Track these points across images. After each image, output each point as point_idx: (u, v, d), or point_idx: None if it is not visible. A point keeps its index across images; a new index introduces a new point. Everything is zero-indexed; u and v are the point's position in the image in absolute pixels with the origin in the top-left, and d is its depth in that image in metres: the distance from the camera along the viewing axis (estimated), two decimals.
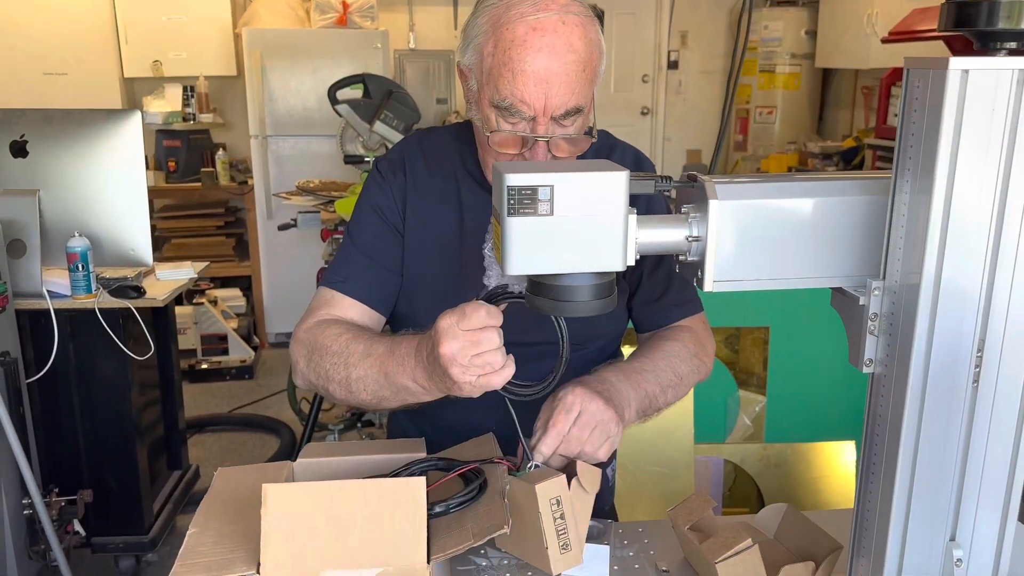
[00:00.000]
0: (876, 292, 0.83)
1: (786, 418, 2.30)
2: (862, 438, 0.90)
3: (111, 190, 2.48)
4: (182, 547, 0.90)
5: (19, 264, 2.36)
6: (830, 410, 2.32)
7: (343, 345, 1.11)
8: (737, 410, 2.35)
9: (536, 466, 1.00)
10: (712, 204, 0.82)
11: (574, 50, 1.06)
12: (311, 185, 3.59)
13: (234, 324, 4.52)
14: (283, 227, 3.50)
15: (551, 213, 0.80)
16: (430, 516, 0.92)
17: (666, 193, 0.87)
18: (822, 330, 2.28)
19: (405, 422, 1.38)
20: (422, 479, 0.88)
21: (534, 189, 0.79)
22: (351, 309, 1.22)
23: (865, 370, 0.85)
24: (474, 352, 0.93)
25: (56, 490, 2.34)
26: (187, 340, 4.29)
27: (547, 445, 1.01)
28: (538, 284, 0.86)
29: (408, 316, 1.27)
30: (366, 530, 0.86)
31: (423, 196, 1.25)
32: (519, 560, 1.06)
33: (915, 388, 0.80)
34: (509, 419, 1.28)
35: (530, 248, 0.81)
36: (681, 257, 0.87)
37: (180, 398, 3.00)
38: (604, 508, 1.41)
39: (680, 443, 2.21)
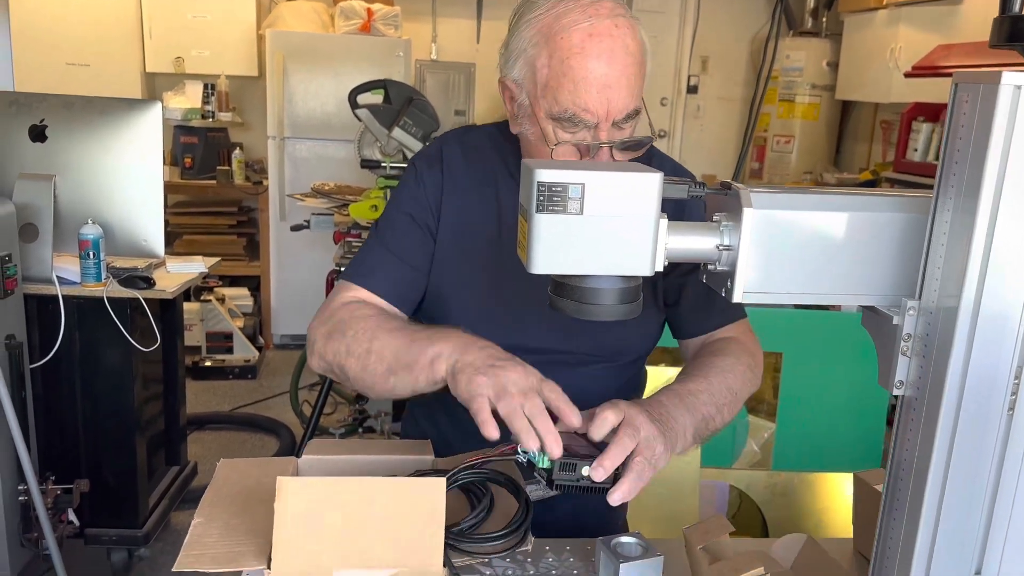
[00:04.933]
0: (911, 312, 0.80)
1: (795, 446, 2.26)
2: (887, 463, 0.87)
3: (127, 180, 2.47)
4: (187, 537, 0.88)
5: (30, 248, 2.35)
6: (840, 441, 2.29)
7: (373, 323, 1.10)
8: (745, 436, 2.31)
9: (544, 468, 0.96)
10: (746, 213, 0.79)
11: (630, 52, 1.05)
12: (326, 188, 3.58)
13: (240, 323, 4.51)
14: (296, 228, 3.49)
15: (580, 212, 0.78)
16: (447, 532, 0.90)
17: (700, 197, 0.84)
18: (835, 359, 2.26)
19: (421, 418, 1.36)
20: (442, 480, 0.85)
21: (565, 187, 0.77)
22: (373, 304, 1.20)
23: (895, 392, 0.82)
24: (525, 401, 0.92)
25: (52, 478, 2.32)
26: (192, 337, 4.28)
27: (610, 461, 0.94)
28: (562, 285, 0.84)
29: (437, 317, 1.25)
30: (382, 529, 0.83)
31: (461, 193, 1.22)
32: (523, 570, 1.03)
33: (948, 413, 0.77)
34: None
35: (557, 247, 0.79)
36: (710, 267, 0.85)
37: (183, 393, 2.98)
38: (618, 523, 1.38)
39: (686, 466, 2.18)
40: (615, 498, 0.93)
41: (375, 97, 3.31)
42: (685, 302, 1.28)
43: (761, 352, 1.27)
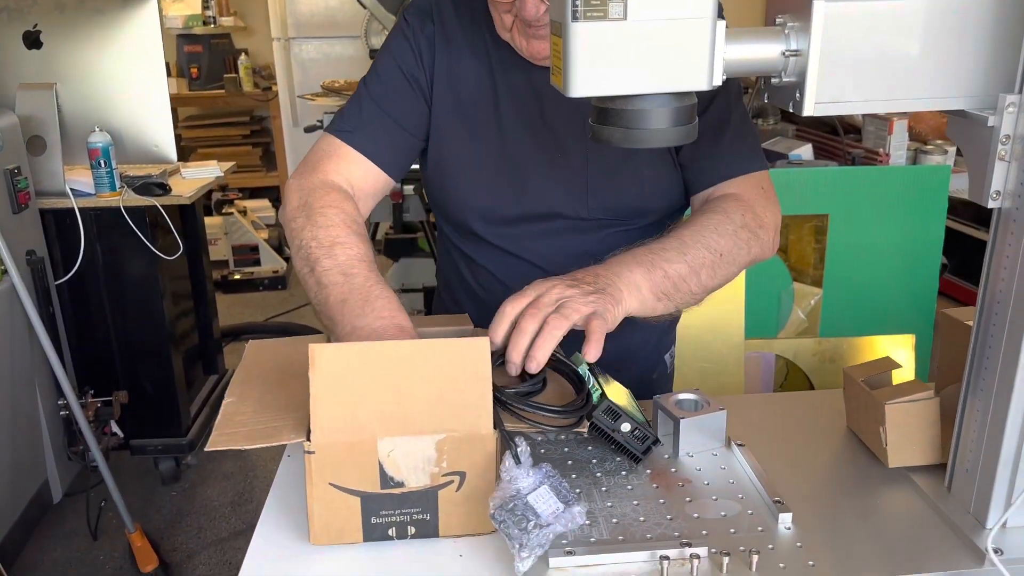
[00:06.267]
0: (1010, 109, 0.70)
1: (842, 311, 2.18)
2: (978, 295, 0.79)
3: (130, 83, 2.38)
4: (218, 416, 0.82)
5: (40, 162, 2.28)
6: (889, 302, 2.20)
7: (331, 234, 0.97)
8: (791, 304, 2.23)
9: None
10: (816, 7, 0.68)
11: None
12: (336, 85, 3.45)
13: (264, 235, 4.46)
14: (309, 129, 3.37)
15: (624, 17, 0.67)
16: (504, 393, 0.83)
17: None
18: (884, 218, 2.14)
19: (449, 303, 1.29)
20: (486, 339, 0.78)
21: None
22: (356, 164, 1.09)
23: (991, 204, 0.73)
24: None
25: (91, 392, 2.32)
26: (218, 251, 4.24)
27: (497, 334, 0.86)
28: (605, 111, 0.74)
29: (441, 186, 1.16)
30: (426, 394, 0.77)
31: (454, 48, 1.11)
32: (577, 434, 0.97)
33: None
34: None
35: (598, 62, 0.69)
36: (774, 80, 0.74)
37: (213, 303, 2.95)
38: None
39: (730, 339, 2.11)
40: (591, 355, 0.83)
41: None
42: (688, 152, 1.12)
43: (773, 212, 1.09)
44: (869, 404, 0.91)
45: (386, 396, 0.77)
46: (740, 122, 1.10)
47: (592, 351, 0.82)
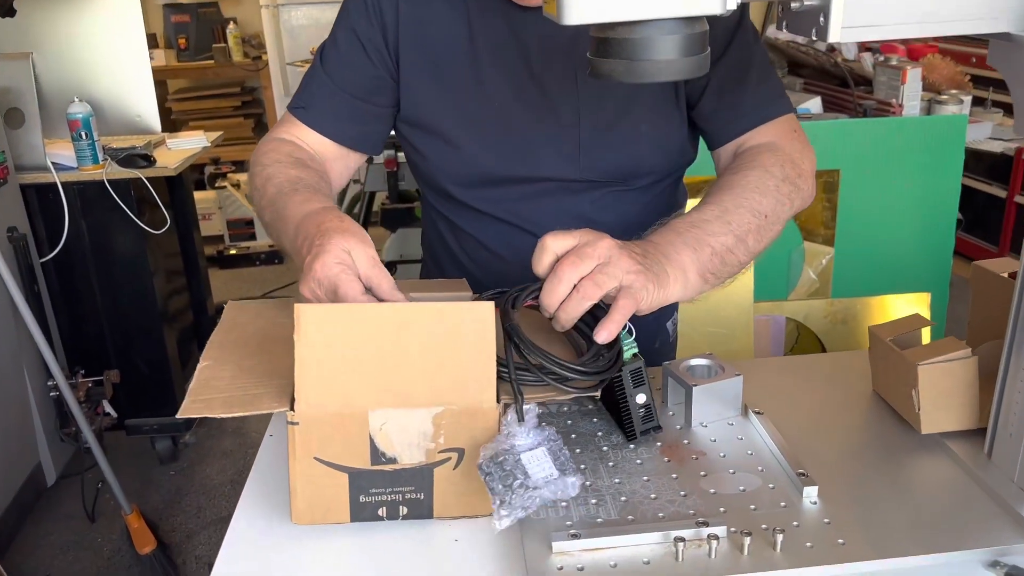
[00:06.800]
0: None
1: (855, 270, 2.11)
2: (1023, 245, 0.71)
3: (109, 50, 2.29)
4: (192, 381, 0.75)
5: (18, 135, 2.20)
6: (903, 260, 2.13)
7: (259, 193, 0.96)
8: (802, 264, 2.15)
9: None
10: None
11: None
12: None
13: None
14: None
15: None
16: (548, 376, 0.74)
17: None
18: (896, 173, 2.06)
19: (434, 271, 1.22)
20: (490, 304, 0.70)
21: None
22: (311, 137, 1.05)
23: None
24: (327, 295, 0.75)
25: (82, 371, 2.25)
26: (213, 226, 4.16)
27: (541, 264, 0.78)
28: (606, 41, 0.66)
29: (422, 150, 1.08)
30: (423, 362, 0.70)
31: (423, 2, 1.02)
32: (581, 406, 0.90)
33: None
34: None
35: None
36: (794, 4, 0.66)
37: (206, 279, 2.88)
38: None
39: (739, 302, 2.04)
40: (602, 336, 0.75)
41: None
42: (708, 101, 1.03)
43: (809, 158, 1.02)
44: (899, 365, 0.84)
45: (379, 363, 0.70)
46: (763, 63, 1.02)
47: (603, 333, 0.74)
